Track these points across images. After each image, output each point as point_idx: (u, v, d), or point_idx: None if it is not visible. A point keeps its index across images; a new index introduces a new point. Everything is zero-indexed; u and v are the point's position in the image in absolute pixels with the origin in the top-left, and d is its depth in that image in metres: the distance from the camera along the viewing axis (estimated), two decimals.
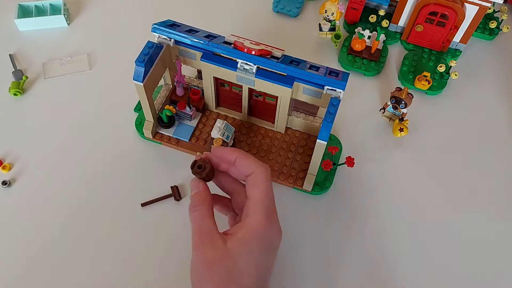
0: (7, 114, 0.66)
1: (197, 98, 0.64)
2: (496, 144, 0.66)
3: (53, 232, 0.57)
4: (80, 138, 0.64)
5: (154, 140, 0.63)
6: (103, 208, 0.58)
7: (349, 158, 0.57)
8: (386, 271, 0.55)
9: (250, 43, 0.55)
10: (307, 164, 0.61)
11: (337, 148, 0.57)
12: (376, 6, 0.77)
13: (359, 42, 0.70)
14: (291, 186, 0.60)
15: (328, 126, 0.50)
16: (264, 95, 0.60)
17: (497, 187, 0.62)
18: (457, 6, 0.65)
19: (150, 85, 0.55)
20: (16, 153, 0.62)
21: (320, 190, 0.59)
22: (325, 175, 0.60)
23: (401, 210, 0.60)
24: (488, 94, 0.71)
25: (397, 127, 0.63)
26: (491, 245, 0.58)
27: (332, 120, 0.50)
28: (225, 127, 0.58)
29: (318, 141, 0.51)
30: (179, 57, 0.59)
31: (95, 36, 0.75)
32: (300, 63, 0.55)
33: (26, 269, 0.54)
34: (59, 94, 0.68)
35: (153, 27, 0.55)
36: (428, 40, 0.72)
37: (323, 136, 0.50)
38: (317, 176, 0.59)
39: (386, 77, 0.72)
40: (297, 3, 0.79)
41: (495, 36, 0.77)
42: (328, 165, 0.57)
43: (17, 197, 0.59)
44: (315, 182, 0.59)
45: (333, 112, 0.50)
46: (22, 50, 0.72)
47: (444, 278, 0.55)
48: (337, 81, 0.51)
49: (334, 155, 0.58)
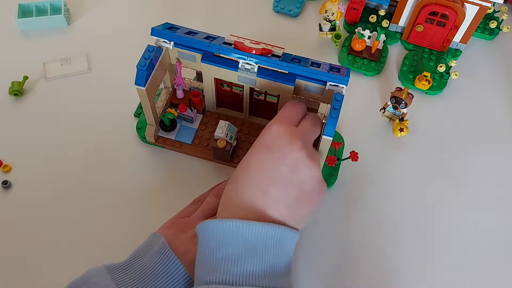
0: (7, 114, 0.66)
1: (198, 100, 0.64)
2: (496, 144, 0.66)
3: (53, 232, 0.56)
4: (80, 139, 0.64)
5: (156, 144, 0.62)
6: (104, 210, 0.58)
7: (353, 152, 0.57)
8: (387, 268, 0.56)
9: (250, 42, 0.55)
10: None
11: (340, 143, 0.58)
12: (376, 6, 0.77)
13: (359, 42, 0.70)
14: None
15: (334, 121, 0.50)
16: (265, 94, 0.60)
17: (498, 187, 0.62)
18: (457, 6, 0.65)
19: (151, 89, 0.55)
20: (16, 153, 0.62)
21: None
22: (329, 171, 0.60)
23: (401, 210, 0.60)
24: (489, 94, 0.71)
25: (397, 127, 0.63)
26: (491, 244, 0.58)
27: (337, 115, 0.50)
28: (228, 128, 0.58)
29: (324, 137, 0.51)
30: (178, 59, 0.59)
31: (94, 36, 0.75)
32: (302, 60, 0.55)
33: (26, 269, 0.54)
34: (59, 94, 0.68)
35: (153, 30, 0.55)
36: (429, 40, 0.72)
37: (329, 131, 0.50)
38: (322, 172, 0.59)
39: (386, 77, 0.72)
40: (298, 3, 0.79)
41: (495, 36, 0.77)
42: (332, 160, 0.57)
43: (17, 198, 0.59)
44: None
45: (338, 107, 0.50)
46: (22, 50, 0.72)
47: (444, 278, 0.55)
48: (340, 77, 0.52)
49: (337, 150, 0.59)
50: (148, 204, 0.59)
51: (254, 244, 0.42)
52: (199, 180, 0.61)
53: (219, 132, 0.58)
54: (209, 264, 0.42)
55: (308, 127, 0.49)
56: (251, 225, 0.42)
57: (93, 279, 0.45)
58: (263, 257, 0.42)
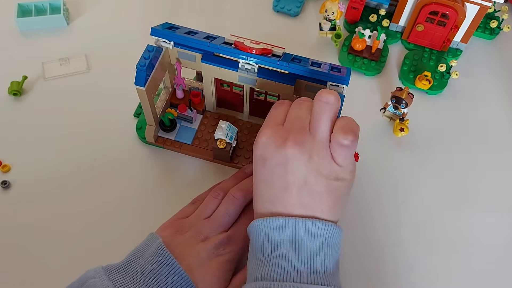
0: (6, 114, 0.65)
1: (198, 100, 0.64)
2: (497, 144, 0.66)
3: (53, 232, 0.56)
4: (80, 140, 0.63)
5: (156, 144, 0.62)
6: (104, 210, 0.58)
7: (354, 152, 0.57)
8: (386, 269, 0.55)
9: (250, 42, 0.55)
10: None
11: None
12: (376, 6, 0.77)
13: (360, 41, 0.70)
14: None
15: None
16: (265, 94, 0.60)
17: (498, 187, 0.62)
18: (457, 5, 0.65)
19: (151, 90, 0.55)
20: (15, 153, 0.62)
21: None
22: None
23: (401, 210, 0.60)
24: (489, 93, 0.71)
25: (397, 127, 0.63)
26: (492, 244, 0.58)
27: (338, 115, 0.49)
28: (228, 128, 0.58)
29: None
30: (178, 59, 0.58)
31: (94, 36, 0.74)
32: (302, 60, 0.55)
33: (26, 269, 0.54)
34: (59, 94, 0.68)
35: (152, 30, 0.55)
36: (429, 39, 0.72)
37: None
38: None
39: (386, 77, 0.72)
40: (297, 2, 0.79)
41: (496, 35, 0.77)
42: None
43: (17, 198, 0.59)
44: None
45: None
46: (21, 50, 0.72)
47: (444, 277, 0.55)
48: (341, 77, 0.52)
49: None
50: (148, 204, 0.59)
51: (299, 239, 0.42)
52: (199, 180, 0.60)
53: (219, 132, 0.57)
54: (258, 259, 0.44)
55: (293, 117, 0.47)
56: (296, 221, 0.43)
57: (90, 281, 0.45)
58: (310, 254, 0.42)
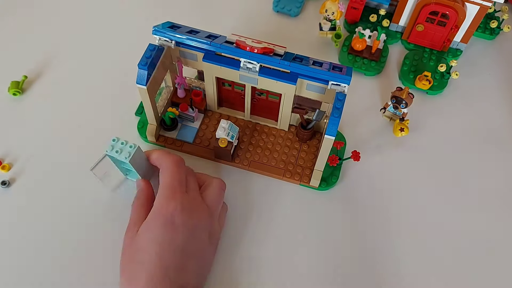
0: (6, 114, 0.65)
1: (199, 99, 0.64)
2: (497, 144, 0.66)
3: (53, 232, 0.56)
4: (80, 139, 0.63)
5: (157, 143, 0.62)
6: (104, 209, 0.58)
7: (355, 152, 0.57)
8: (387, 268, 0.56)
9: (252, 41, 0.55)
10: (312, 160, 0.61)
11: (342, 143, 0.58)
12: (376, 6, 0.77)
13: (360, 41, 0.70)
14: (297, 183, 0.60)
15: (336, 121, 0.50)
16: (267, 93, 0.60)
17: (498, 187, 0.62)
18: (458, 5, 0.66)
19: (153, 88, 0.55)
20: (15, 153, 0.62)
21: (326, 186, 0.59)
22: (331, 171, 0.60)
23: (401, 210, 0.60)
24: (489, 93, 0.71)
25: (397, 127, 0.63)
26: (492, 244, 0.58)
27: (339, 115, 0.50)
28: (229, 127, 0.58)
29: (326, 137, 0.51)
30: (180, 58, 0.58)
31: (95, 35, 0.74)
32: (303, 59, 0.55)
33: (26, 269, 0.54)
34: (59, 94, 0.67)
35: (154, 29, 0.55)
36: (429, 39, 0.72)
37: (331, 131, 0.50)
38: (323, 172, 0.59)
39: (386, 77, 0.72)
40: (297, 2, 0.79)
41: (496, 35, 0.77)
42: (334, 160, 0.57)
43: (17, 197, 0.58)
44: (322, 178, 0.59)
45: (340, 107, 0.50)
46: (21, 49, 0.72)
47: (444, 278, 0.55)
48: (342, 76, 0.52)
49: (339, 150, 0.59)
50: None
51: None
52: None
53: (220, 131, 0.57)
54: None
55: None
56: None
57: None
58: None
